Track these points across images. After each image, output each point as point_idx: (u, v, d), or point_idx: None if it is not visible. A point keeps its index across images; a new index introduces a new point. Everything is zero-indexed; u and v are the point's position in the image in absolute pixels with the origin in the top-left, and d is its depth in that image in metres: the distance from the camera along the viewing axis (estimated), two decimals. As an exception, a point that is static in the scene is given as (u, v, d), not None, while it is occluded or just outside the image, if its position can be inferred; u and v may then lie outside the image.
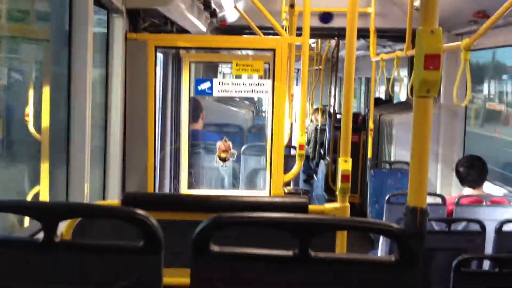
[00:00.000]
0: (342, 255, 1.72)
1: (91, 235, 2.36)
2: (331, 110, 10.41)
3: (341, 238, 2.46)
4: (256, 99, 9.35)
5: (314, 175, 11.15)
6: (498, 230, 3.64)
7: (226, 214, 1.49)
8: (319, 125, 11.47)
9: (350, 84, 2.47)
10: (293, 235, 1.44)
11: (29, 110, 2.89)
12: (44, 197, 2.84)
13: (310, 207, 2.38)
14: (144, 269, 1.46)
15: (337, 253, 2.39)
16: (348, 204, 2.54)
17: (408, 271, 1.42)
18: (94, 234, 2.36)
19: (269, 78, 3.67)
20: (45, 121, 2.85)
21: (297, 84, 11.51)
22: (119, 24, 3.21)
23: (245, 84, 3.57)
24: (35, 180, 2.88)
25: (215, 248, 1.47)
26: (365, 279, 1.44)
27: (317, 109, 11.91)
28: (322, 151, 10.95)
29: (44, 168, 2.87)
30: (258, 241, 1.94)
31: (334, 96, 10.67)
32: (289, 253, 1.45)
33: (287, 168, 4.30)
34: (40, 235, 1.46)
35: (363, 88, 13.54)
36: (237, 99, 7.63)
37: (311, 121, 12.89)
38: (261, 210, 2.10)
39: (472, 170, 4.33)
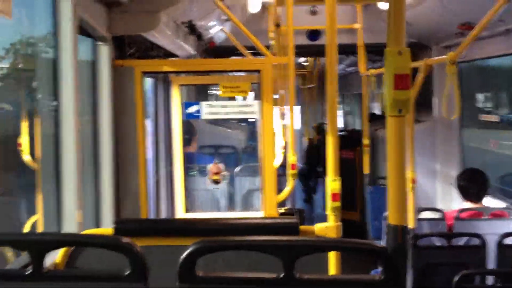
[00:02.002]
0: (327, 276, 1.71)
1: (86, 262, 2.36)
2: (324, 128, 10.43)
3: (335, 257, 2.44)
4: (249, 119, 9.39)
5: (313, 194, 11.13)
6: (499, 244, 3.60)
7: (209, 239, 1.49)
8: (316, 142, 11.49)
9: (333, 103, 2.48)
10: (277, 258, 1.43)
11: (23, 139, 2.90)
12: (41, 226, 2.84)
13: (301, 227, 2.37)
14: None
15: (330, 273, 2.37)
16: (339, 223, 2.53)
17: None
18: (89, 260, 2.36)
19: (258, 98, 3.68)
20: (39, 151, 2.86)
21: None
22: (105, 52, 3.23)
23: (234, 106, 3.58)
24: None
25: (200, 273, 1.47)
26: None
27: (315, 127, 11.95)
28: (319, 170, 10.94)
29: (40, 197, 2.87)
30: (248, 263, 1.93)
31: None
32: (274, 275, 1.44)
33: (282, 188, 4.29)
34: (30, 266, 1.48)
35: (357, 104, 13.59)
36: (231, 121, 7.65)
37: (308, 139, 12.91)
38: (252, 232, 2.09)
39: (473, 184, 4.28)
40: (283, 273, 1.43)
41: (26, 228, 2.88)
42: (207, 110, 3.55)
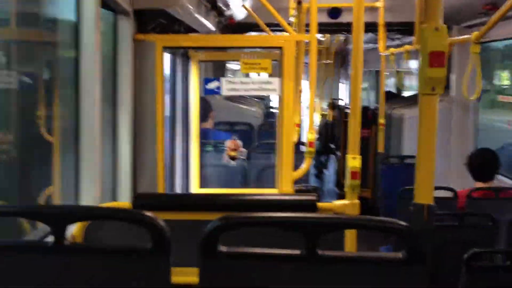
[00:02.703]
0: (349, 253, 1.72)
1: (103, 236, 2.38)
2: (340, 104, 10.38)
3: (351, 235, 2.46)
4: (265, 95, 9.35)
5: (325, 170, 11.14)
6: (510, 224, 3.61)
7: (233, 215, 1.50)
8: (329, 119, 11.44)
9: (357, 80, 2.46)
10: (300, 235, 1.44)
11: (41, 112, 2.92)
12: (57, 198, 2.87)
13: (319, 204, 2.38)
14: (153, 270, 1.48)
15: (346, 250, 2.39)
16: (357, 201, 2.54)
17: (416, 268, 1.42)
18: (105, 234, 2.38)
19: (278, 75, 3.66)
20: (57, 123, 2.87)
21: (307, 78, 11.51)
22: (127, 26, 3.23)
23: (254, 83, 3.57)
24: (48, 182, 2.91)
25: (223, 248, 1.48)
26: (373, 277, 1.44)
27: (329, 104, 11.89)
28: (332, 146, 10.92)
29: (56, 169, 2.89)
30: (268, 240, 1.95)
31: (344, 89, 10.63)
32: (297, 252, 1.45)
33: (296, 165, 4.29)
34: (50, 238, 1.48)
35: (372, 81, 13.47)
36: (247, 97, 7.63)
37: (321, 115, 12.86)
38: (270, 209, 2.10)
39: (483, 163, 4.30)
40: (305, 249, 1.44)
41: (41, 201, 2.92)
42: (228, 86, 3.54)
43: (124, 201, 3.21)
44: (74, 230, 2.39)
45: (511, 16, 4.74)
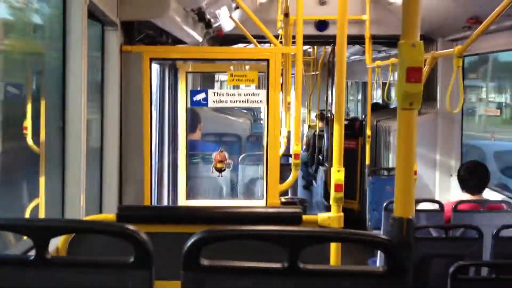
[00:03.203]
0: (331, 267, 1.73)
1: (87, 249, 2.37)
2: (328, 115, 10.44)
3: (336, 247, 2.47)
4: (254, 107, 9.38)
5: (314, 181, 11.16)
6: (496, 236, 3.64)
7: (216, 228, 1.51)
8: (317, 130, 11.49)
9: (341, 91, 2.49)
10: (282, 248, 1.45)
11: (28, 123, 2.91)
12: (43, 210, 2.85)
13: (304, 217, 2.39)
14: (135, 284, 1.48)
15: (331, 263, 2.40)
16: (341, 214, 2.55)
17: (397, 281, 1.43)
18: (90, 247, 2.37)
19: (264, 87, 3.69)
20: (43, 135, 2.86)
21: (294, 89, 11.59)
22: (114, 37, 3.24)
23: (240, 94, 3.59)
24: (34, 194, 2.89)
25: (205, 262, 1.48)
26: None
27: (317, 115, 11.95)
28: (320, 157, 10.96)
29: (42, 181, 2.88)
30: (251, 252, 1.96)
31: (331, 101, 10.70)
32: (278, 265, 1.46)
33: (284, 177, 4.31)
34: (33, 252, 1.48)
35: (360, 93, 13.58)
36: (235, 108, 7.65)
37: (309, 126, 12.91)
38: (255, 221, 2.11)
39: (473, 176, 4.31)
40: (287, 263, 1.45)
41: (27, 213, 2.90)
42: (214, 98, 3.56)
43: (110, 213, 3.19)
44: (58, 243, 2.38)
45: (494, 30, 4.82)
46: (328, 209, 2.63)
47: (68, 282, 1.47)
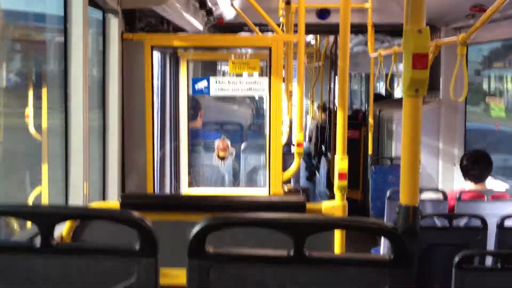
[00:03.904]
0: (336, 255, 1.72)
1: (91, 236, 2.37)
2: (331, 107, 10.43)
3: (340, 236, 2.46)
4: (256, 96, 9.35)
5: (317, 172, 11.16)
6: (500, 226, 3.63)
7: (220, 215, 1.50)
8: (320, 121, 11.47)
9: (344, 81, 2.47)
10: (287, 235, 1.44)
11: (29, 111, 2.90)
12: (46, 198, 2.85)
13: (308, 205, 2.39)
14: (141, 271, 1.47)
15: (336, 251, 2.39)
16: (345, 202, 2.54)
17: (403, 269, 1.42)
18: (94, 234, 2.37)
19: (267, 75, 3.66)
20: (45, 122, 2.86)
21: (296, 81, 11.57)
22: (115, 25, 3.21)
23: (242, 83, 3.57)
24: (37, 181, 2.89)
25: (210, 249, 1.47)
26: (360, 278, 1.44)
27: (320, 106, 11.94)
28: (323, 148, 10.95)
29: (45, 169, 2.88)
30: (256, 240, 1.95)
31: (334, 92, 10.67)
32: (284, 253, 1.45)
33: (287, 166, 4.30)
34: (38, 239, 1.47)
35: (363, 84, 13.54)
36: (237, 97, 7.62)
37: (312, 117, 12.89)
38: (259, 209, 2.10)
39: (476, 165, 4.30)
40: (293, 250, 1.44)
41: (30, 200, 2.90)
42: (216, 86, 3.54)
43: (113, 200, 3.19)
44: (63, 230, 2.38)
45: (498, 19, 4.78)
46: (331, 198, 2.62)
47: (74, 268, 1.47)
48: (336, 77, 10.45)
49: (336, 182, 2.55)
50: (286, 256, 1.44)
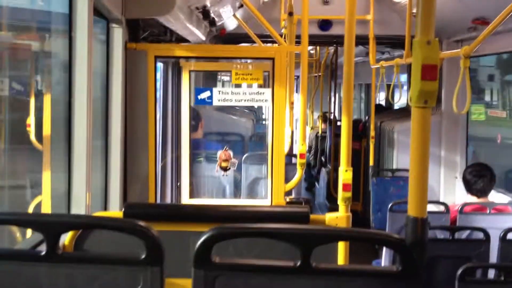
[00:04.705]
0: (344, 266, 1.71)
1: (93, 245, 2.36)
2: (331, 117, 10.43)
3: (344, 247, 2.45)
4: (256, 107, 9.36)
5: (316, 183, 11.14)
6: (503, 238, 3.62)
7: (227, 225, 1.49)
8: (320, 132, 11.47)
9: (349, 92, 2.47)
10: (294, 246, 1.43)
11: (31, 119, 2.90)
12: (46, 207, 2.84)
13: (312, 216, 2.38)
14: (146, 280, 1.47)
15: (339, 263, 2.38)
16: (349, 214, 2.53)
17: (410, 280, 1.42)
18: (96, 243, 2.36)
19: (269, 86, 3.67)
20: (47, 131, 2.85)
21: (297, 91, 11.60)
22: (119, 34, 3.22)
23: (245, 93, 3.57)
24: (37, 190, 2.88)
25: (216, 259, 1.47)
26: None
27: (320, 116, 11.94)
28: (323, 159, 10.94)
29: (46, 178, 2.87)
30: (259, 251, 1.93)
31: (334, 102, 10.68)
32: (291, 263, 1.44)
33: (288, 177, 4.29)
34: (43, 247, 1.47)
35: (363, 94, 13.56)
36: (238, 108, 7.63)
37: (312, 128, 12.89)
38: (262, 220, 2.09)
39: (480, 180, 4.28)
40: (299, 261, 1.43)
41: (30, 209, 2.89)
42: (219, 96, 3.54)
43: (115, 210, 3.18)
44: (65, 239, 2.37)
45: (501, 31, 4.80)
46: (330, 210, 2.61)
47: (80, 277, 1.47)
48: (336, 87, 10.48)
49: (340, 193, 2.54)
50: (293, 266, 1.43)
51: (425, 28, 1.47)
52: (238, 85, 7.75)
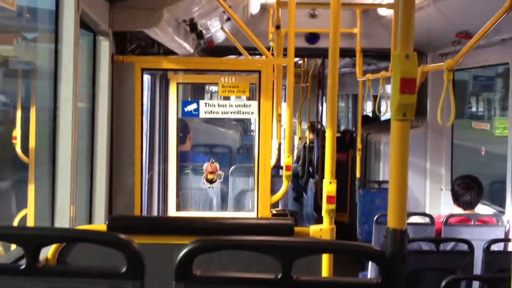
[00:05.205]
0: (324, 278, 1.72)
1: (77, 258, 2.35)
2: (319, 127, 10.48)
3: (328, 260, 2.46)
4: (244, 119, 9.38)
5: (304, 194, 11.15)
6: (486, 250, 3.65)
7: (208, 238, 1.50)
8: (308, 142, 11.50)
9: (333, 104, 2.50)
10: (275, 259, 1.44)
11: (17, 132, 2.89)
12: (31, 220, 2.82)
13: (296, 229, 2.39)
14: None
15: (323, 275, 2.39)
16: (333, 226, 2.55)
17: None
18: (80, 257, 2.35)
19: (255, 99, 3.69)
20: (32, 144, 2.84)
21: (285, 101, 11.66)
22: (106, 47, 3.23)
23: (231, 105, 3.59)
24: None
25: (197, 272, 1.47)
26: None
27: (308, 127, 11.99)
28: (311, 169, 10.96)
29: (32, 191, 2.85)
30: (243, 264, 1.94)
31: (321, 113, 10.74)
32: (271, 276, 1.45)
33: (275, 189, 4.30)
34: (23, 261, 1.47)
35: (350, 104, 13.65)
36: (226, 120, 7.65)
37: (300, 138, 12.93)
38: (247, 232, 2.09)
39: (467, 192, 4.32)
40: (280, 274, 1.44)
41: (15, 223, 2.87)
42: (206, 109, 3.56)
43: (100, 223, 3.17)
44: (48, 252, 2.35)
45: (484, 45, 4.87)
46: (318, 221, 2.62)
47: None
48: (324, 97, 10.54)
49: (324, 205, 2.56)
50: (273, 279, 1.44)
51: (404, 42, 1.50)
52: (227, 98, 7.78)
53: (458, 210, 4.39)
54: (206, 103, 3.58)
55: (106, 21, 3.17)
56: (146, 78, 4.67)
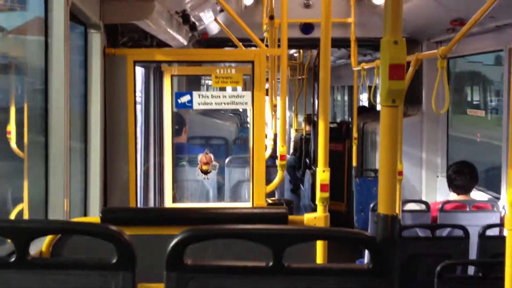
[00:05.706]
0: (316, 265, 1.72)
1: (71, 251, 2.35)
2: (315, 119, 10.48)
3: (322, 247, 2.46)
4: (241, 110, 9.38)
5: (301, 185, 11.18)
6: (482, 235, 3.67)
7: (199, 227, 1.50)
8: (305, 134, 11.52)
9: (325, 93, 2.49)
10: (266, 246, 1.44)
11: (11, 127, 2.88)
12: (27, 215, 2.82)
13: (290, 217, 2.39)
14: (118, 285, 1.46)
15: (318, 262, 2.39)
16: (327, 214, 2.55)
17: (382, 278, 1.43)
18: (74, 250, 2.35)
19: (250, 90, 3.68)
20: (26, 138, 2.84)
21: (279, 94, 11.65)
22: (97, 40, 3.21)
23: (225, 96, 3.58)
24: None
25: (189, 261, 1.47)
26: (339, 287, 1.45)
27: (305, 118, 12.01)
28: (308, 161, 10.98)
29: (27, 185, 2.85)
30: (237, 253, 1.94)
31: (317, 105, 10.72)
32: (262, 264, 1.45)
33: (271, 179, 4.31)
34: (14, 254, 1.47)
35: (346, 96, 13.65)
36: (222, 111, 7.64)
37: (296, 130, 12.94)
38: (240, 222, 2.10)
39: (460, 176, 4.35)
40: (271, 261, 1.44)
41: (12, 217, 2.87)
42: (199, 100, 3.55)
43: (95, 216, 3.16)
44: (42, 245, 2.35)
45: (478, 32, 4.86)
46: (315, 211, 2.63)
47: (50, 283, 1.46)
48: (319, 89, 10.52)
49: (318, 194, 2.56)
50: (264, 267, 1.44)
51: (393, 28, 1.50)
52: (223, 89, 7.78)
53: (454, 196, 4.41)
54: (199, 95, 3.58)
55: (97, 13, 3.15)
56: (140, 71, 4.66)
